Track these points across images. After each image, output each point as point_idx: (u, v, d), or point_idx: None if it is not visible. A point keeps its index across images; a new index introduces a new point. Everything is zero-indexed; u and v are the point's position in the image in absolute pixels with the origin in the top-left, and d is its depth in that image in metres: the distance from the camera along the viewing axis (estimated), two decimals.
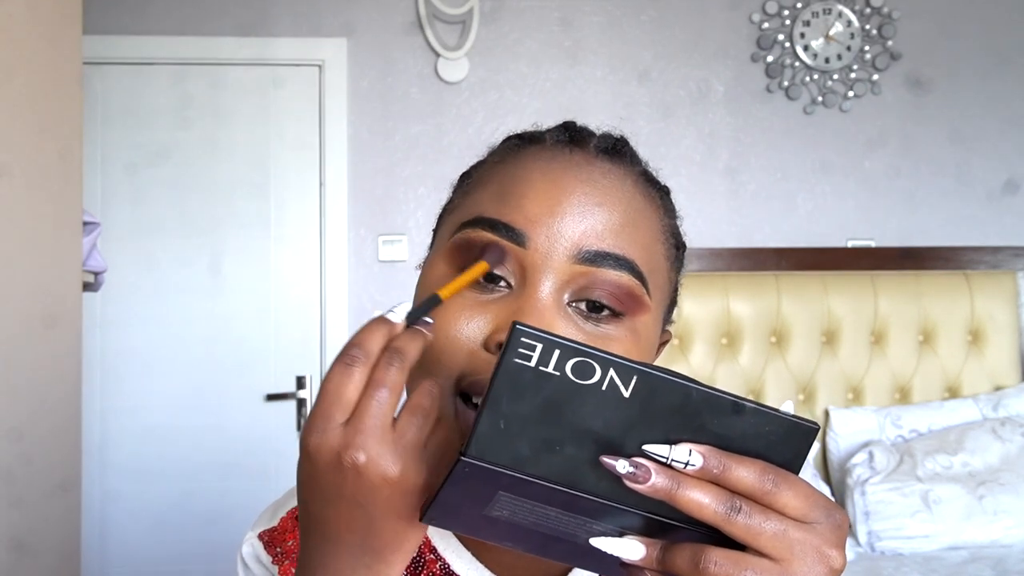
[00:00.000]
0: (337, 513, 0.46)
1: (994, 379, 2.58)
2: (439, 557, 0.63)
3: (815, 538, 0.41)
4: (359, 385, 0.45)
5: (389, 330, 0.47)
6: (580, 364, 0.39)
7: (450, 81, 2.63)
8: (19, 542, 1.34)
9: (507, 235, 0.54)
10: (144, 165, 2.60)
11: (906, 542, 2.14)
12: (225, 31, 2.60)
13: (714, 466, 0.40)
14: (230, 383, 2.59)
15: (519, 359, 0.39)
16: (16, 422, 1.35)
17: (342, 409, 0.45)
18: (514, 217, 0.55)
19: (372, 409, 0.44)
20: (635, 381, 0.39)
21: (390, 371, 0.45)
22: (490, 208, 0.56)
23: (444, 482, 0.42)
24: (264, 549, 0.67)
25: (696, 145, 2.70)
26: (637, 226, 0.57)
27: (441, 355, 0.54)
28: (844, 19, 2.71)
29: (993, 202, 2.75)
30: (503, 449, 0.40)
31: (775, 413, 0.41)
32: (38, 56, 1.43)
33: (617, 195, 0.57)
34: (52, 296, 1.48)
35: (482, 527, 0.45)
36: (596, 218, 0.55)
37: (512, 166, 0.59)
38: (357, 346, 0.46)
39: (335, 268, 2.61)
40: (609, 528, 0.43)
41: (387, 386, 0.45)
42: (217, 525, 2.47)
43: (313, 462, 0.45)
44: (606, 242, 0.55)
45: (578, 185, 0.56)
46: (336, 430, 0.44)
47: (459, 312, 0.54)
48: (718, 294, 2.54)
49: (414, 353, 0.47)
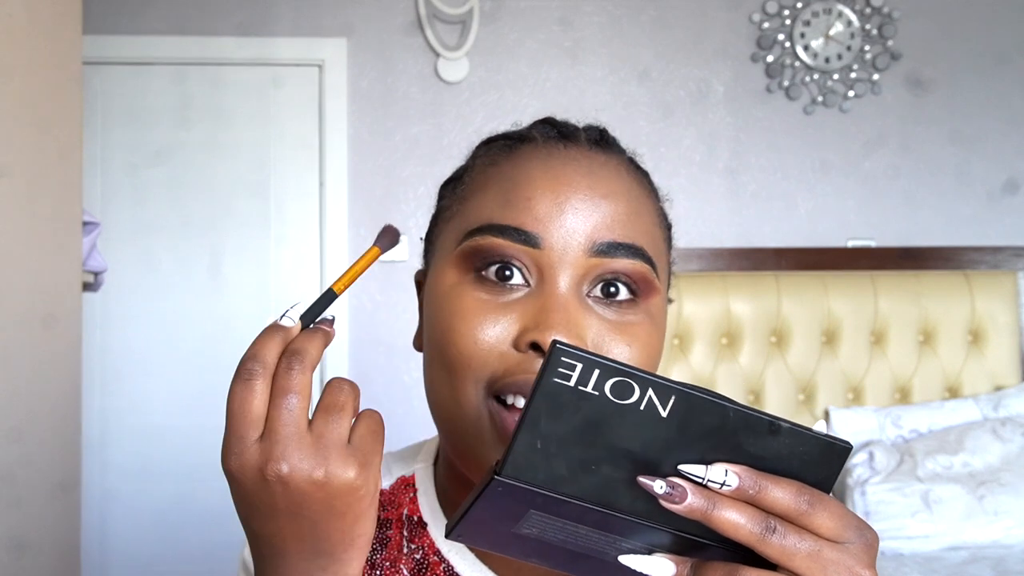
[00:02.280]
0: (279, 527, 0.46)
1: (994, 379, 2.58)
2: (443, 559, 0.63)
3: (848, 558, 0.41)
4: (263, 397, 0.44)
5: (284, 336, 0.47)
6: (619, 384, 0.39)
7: (450, 81, 2.63)
8: (19, 542, 1.34)
9: (519, 238, 0.55)
10: (144, 165, 2.60)
11: (906, 542, 2.13)
12: (225, 31, 2.60)
13: (750, 487, 0.40)
14: (230, 383, 2.58)
15: (558, 378, 0.38)
16: (16, 422, 1.35)
17: (253, 425, 0.44)
18: (523, 220, 0.55)
19: (283, 418, 0.44)
20: (673, 401, 0.39)
21: (292, 375, 0.45)
22: (496, 213, 0.56)
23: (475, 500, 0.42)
24: None
25: (696, 145, 2.70)
26: (640, 213, 0.58)
27: (471, 360, 0.54)
28: (844, 19, 2.71)
29: (993, 202, 2.75)
30: (538, 468, 0.40)
31: (810, 433, 0.41)
32: (38, 56, 1.43)
33: (617, 185, 0.58)
34: (52, 296, 1.48)
35: (510, 544, 0.45)
36: (604, 210, 0.56)
37: (509, 167, 0.59)
38: (252, 358, 0.45)
39: (335, 268, 2.61)
40: (638, 546, 0.43)
41: (293, 391, 0.44)
42: (217, 525, 2.47)
43: (239, 483, 0.45)
44: (616, 232, 0.56)
45: (581, 179, 0.57)
46: (253, 447, 0.44)
47: (482, 316, 0.55)
48: (718, 294, 2.54)
49: (315, 352, 0.46)
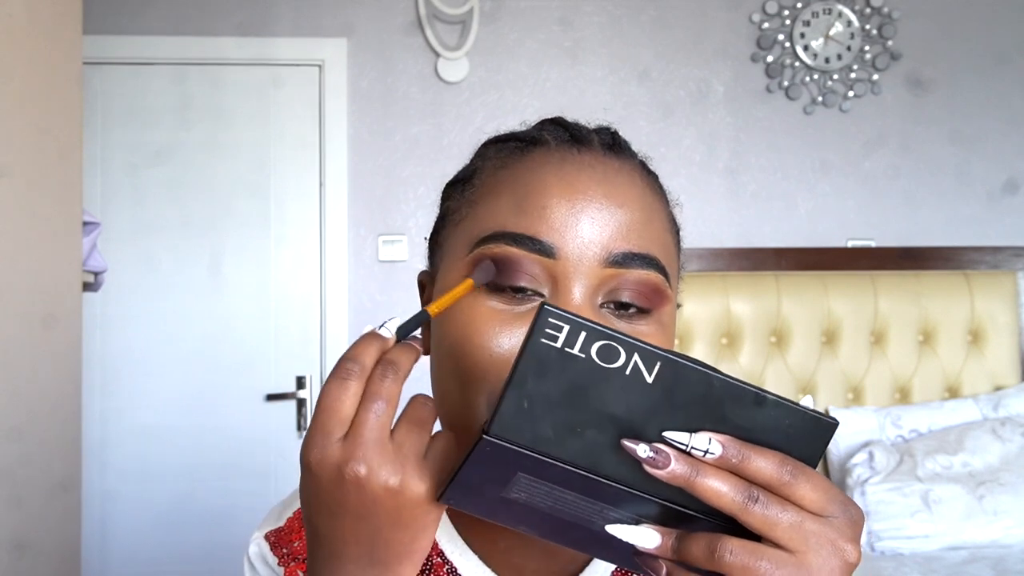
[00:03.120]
0: (342, 526, 0.46)
1: (994, 379, 2.58)
2: (447, 561, 0.63)
3: (831, 531, 0.41)
4: (355, 398, 0.45)
5: (381, 344, 0.48)
6: (605, 347, 0.39)
7: (450, 81, 2.63)
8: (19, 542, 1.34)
9: (534, 247, 0.54)
10: (144, 165, 2.60)
11: (906, 542, 2.13)
12: (225, 31, 2.60)
13: (733, 455, 0.40)
14: (230, 383, 2.59)
15: (545, 339, 0.39)
16: (16, 422, 1.35)
17: (340, 423, 0.45)
18: (538, 229, 0.55)
19: (370, 422, 0.45)
20: (659, 367, 0.40)
21: (385, 383, 0.45)
22: (510, 220, 0.56)
23: (464, 461, 0.42)
24: (271, 550, 0.67)
25: (696, 145, 2.70)
26: (652, 221, 0.58)
27: (486, 372, 0.54)
28: (844, 19, 2.71)
29: (993, 202, 2.75)
30: (525, 429, 0.41)
31: (796, 407, 0.41)
32: (38, 56, 1.43)
33: (631, 192, 0.58)
34: (52, 296, 1.48)
35: (499, 510, 0.45)
36: (619, 219, 0.56)
37: (522, 172, 0.58)
38: (351, 360, 0.46)
39: (335, 268, 2.61)
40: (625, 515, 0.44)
41: (383, 398, 0.45)
42: (217, 525, 2.47)
43: (316, 477, 0.45)
44: (631, 242, 0.56)
45: (597, 187, 0.56)
46: (336, 444, 0.44)
47: (496, 326, 0.54)
48: (718, 294, 2.55)
49: (407, 365, 0.47)
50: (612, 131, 0.63)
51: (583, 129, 0.62)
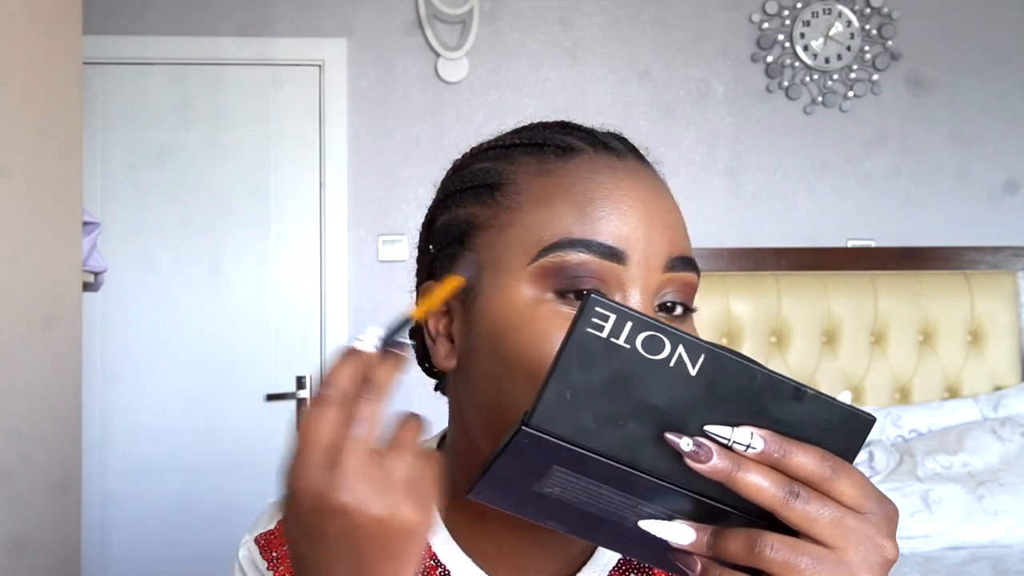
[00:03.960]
0: (325, 554, 0.45)
1: (994, 379, 2.58)
2: (439, 564, 0.62)
3: (870, 527, 0.41)
4: (335, 424, 0.44)
5: (360, 361, 0.46)
6: (650, 339, 0.39)
7: (450, 81, 2.63)
8: (19, 542, 1.34)
9: (605, 254, 0.54)
10: (144, 165, 2.60)
11: (906, 542, 2.13)
12: (225, 31, 2.60)
13: (775, 450, 0.40)
14: (230, 383, 2.59)
15: (591, 328, 0.39)
16: (16, 422, 1.35)
17: (321, 451, 0.43)
18: (607, 236, 0.55)
19: (352, 449, 0.43)
20: (703, 360, 0.39)
21: (365, 405, 0.44)
22: (575, 227, 0.55)
23: (500, 452, 0.41)
24: (260, 554, 0.66)
25: (696, 145, 2.70)
26: (685, 224, 0.60)
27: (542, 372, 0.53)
28: (844, 19, 2.71)
29: (993, 202, 2.75)
30: (566, 420, 0.40)
31: (834, 402, 0.41)
32: (38, 56, 1.43)
33: (668, 197, 0.59)
34: (52, 296, 1.48)
35: (529, 505, 0.44)
36: (673, 224, 0.57)
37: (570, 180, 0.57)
38: (329, 384, 0.45)
39: (335, 268, 2.61)
40: (659, 511, 0.43)
41: (364, 421, 0.44)
42: (217, 525, 2.47)
43: (298, 506, 0.44)
44: (681, 247, 0.57)
45: (650, 194, 0.57)
46: (317, 473, 0.43)
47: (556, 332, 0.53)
48: (718, 294, 2.55)
49: (389, 381, 0.46)
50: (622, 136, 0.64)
51: (602, 134, 0.62)
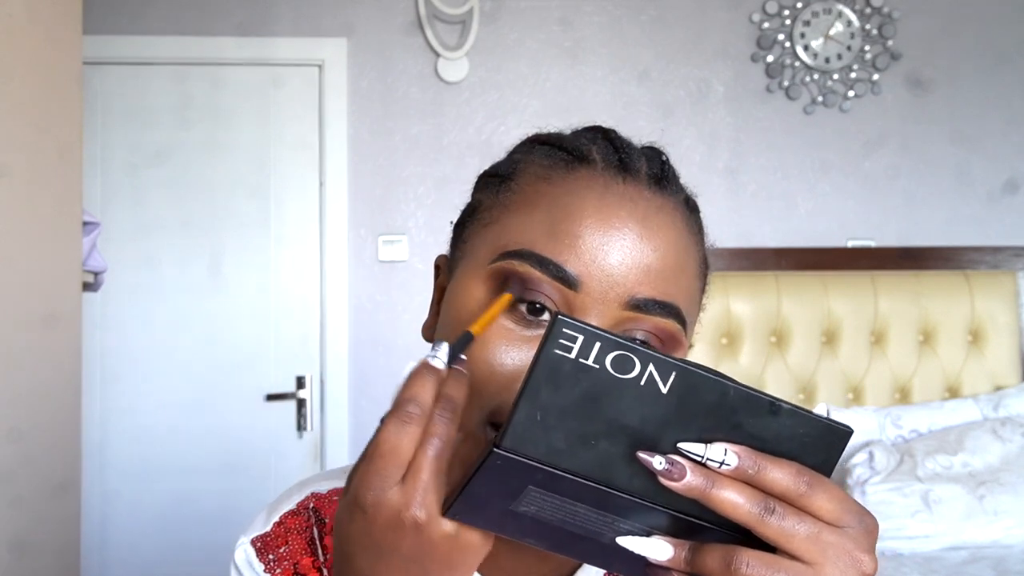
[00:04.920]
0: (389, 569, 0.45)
1: (994, 379, 2.58)
2: None
3: (848, 542, 0.41)
4: (415, 440, 0.44)
5: (437, 377, 0.47)
6: (620, 358, 0.39)
7: (450, 81, 2.63)
8: (19, 542, 1.34)
9: (558, 275, 0.53)
10: (144, 165, 2.60)
11: (906, 542, 2.13)
12: (225, 31, 2.60)
13: (749, 466, 0.40)
14: (230, 383, 2.59)
15: (559, 350, 0.39)
16: (16, 422, 1.35)
17: (398, 467, 0.44)
18: (566, 257, 0.54)
19: (431, 465, 0.44)
20: (673, 377, 0.39)
21: (443, 423, 0.45)
22: (540, 242, 0.54)
23: (473, 474, 0.42)
24: (256, 556, 0.66)
25: (696, 145, 2.70)
26: (684, 268, 0.57)
27: (483, 388, 0.53)
28: (844, 19, 2.71)
29: (993, 202, 2.75)
30: (538, 441, 0.40)
31: (810, 415, 0.41)
32: (38, 56, 1.43)
33: (666, 235, 0.56)
34: (52, 296, 1.48)
35: (507, 523, 0.45)
36: (649, 263, 0.54)
37: (562, 192, 0.57)
38: (412, 401, 0.45)
39: (335, 268, 2.61)
40: (636, 527, 0.43)
41: (443, 439, 0.45)
42: (217, 525, 2.47)
43: (370, 520, 0.44)
44: (656, 289, 0.54)
45: (634, 226, 0.55)
46: (395, 488, 0.44)
47: (503, 346, 0.53)
48: (718, 294, 2.54)
49: (463, 399, 0.47)
50: (663, 158, 0.61)
51: (633, 152, 0.59)
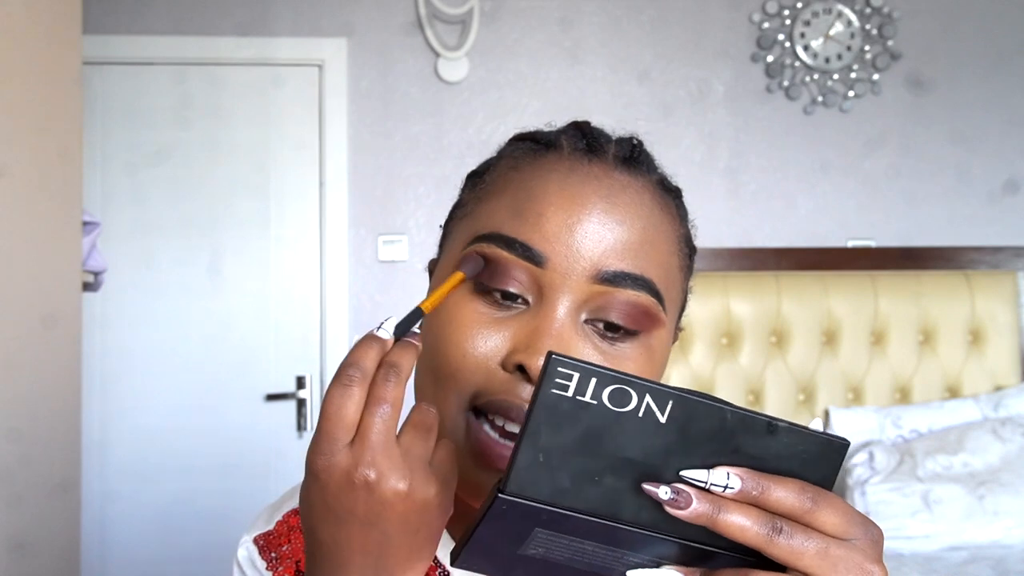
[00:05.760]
0: (349, 534, 0.46)
1: (994, 379, 2.58)
2: (438, 564, 0.62)
3: (856, 554, 0.41)
4: (359, 403, 0.45)
5: (381, 346, 0.47)
6: (617, 391, 0.39)
7: (450, 81, 2.63)
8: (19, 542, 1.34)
9: (524, 254, 0.54)
10: (144, 165, 2.60)
11: (906, 542, 2.13)
12: (225, 31, 2.60)
13: (752, 488, 0.40)
14: (230, 383, 2.58)
15: (556, 389, 0.39)
16: (16, 422, 1.35)
17: (345, 429, 0.45)
18: (532, 236, 0.54)
19: (376, 425, 0.44)
20: (671, 406, 0.39)
21: (388, 386, 0.45)
22: (507, 224, 0.55)
23: (479, 521, 0.41)
24: (259, 554, 0.66)
25: (696, 145, 2.70)
26: (655, 242, 0.57)
27: (457, 372, 0.54)
28: (844, 19, 2.71)
29: (993, 202, 2.75)
30: (542, 483, 0.40)
31: (807, 431, 0.41)
32: (38, 56, 1.43)
33: (635, 211, 0.56)
34: (52, 296, 1.48)
35: (516, 567, 0.45)
36: (615, 237, 0.55)
37: (529, 176, 0.58)
38: (352, 365, 0.46)
39: (335, 268, 2.61)
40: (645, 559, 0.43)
41: (388, 401, 0.45)
42: (217, 525, 2.47)
43: (323, 484, 0.45)
44: (625, 262, 0.54)
45: (598, 201, 0.55)
46: (343, 450, 0.44)
47: (476, 329, 0.54)
48: (718, 294, 2.54)
49: (409, 366, 0.47)
50: (634, 142, 0.61)
51: (602, 138, 0.60)
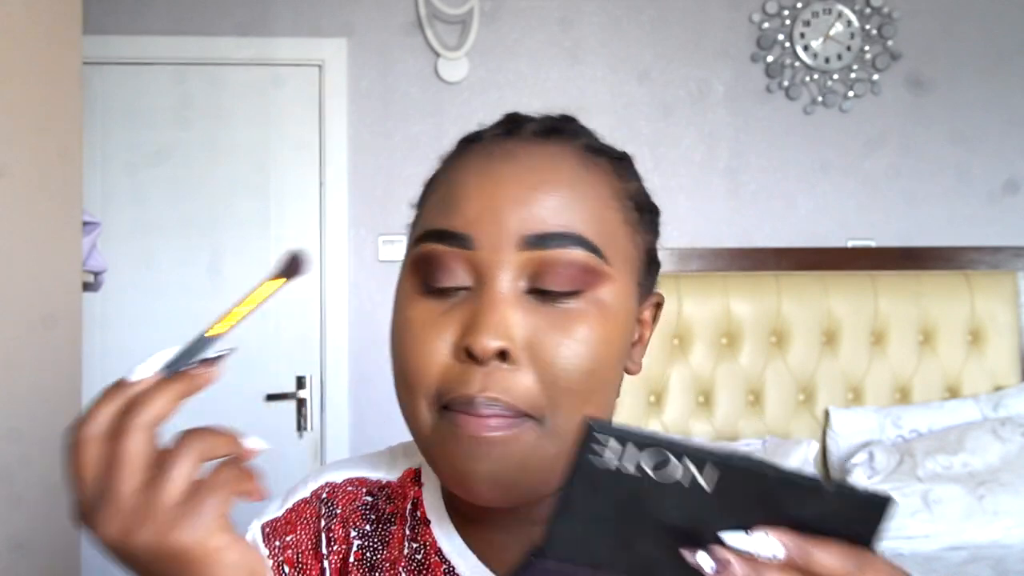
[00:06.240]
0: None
1: (994, 379, 2.58)
2: (444, 560, 0.62)
3: None
4: (96, 461, 0.44)
5: (129, 393, 0.46)
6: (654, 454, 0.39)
7: (450, 81, 2.63)
8: (19, 542, 1.34)
9: (454, 242, 0.55)
10: (144, 165, 2.60)
11: (906, 542, 2.13)
12: (225, 31, 2.60)
13: (797, 555, 0.39)
14: (230, 383, 2.56)
15: (592, 455, 0.38)
16: (16, 422, 1.35)
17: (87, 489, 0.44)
18: (456, 222, 0.55)
19: (113, 484, 0.43)
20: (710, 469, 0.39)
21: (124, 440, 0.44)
22: (438, 218, 0.57)
23: None
24: (263, 541, 0.66)
25: (696, 145, 2.70)
26: (585, 198, 0.56)
27: (417, 376, 0.54)
28: (844, 19, 2.71)
29: (993, 202, 2.75)
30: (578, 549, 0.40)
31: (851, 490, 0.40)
32: (38, 56, 1.43)
33: (552, 174, 0.56)
34: (52, 296, 1.48)
35: None
36: (536, 200, 0.54)
37: (453, 171, 0.59)
38: (85, 422, 0.45)
39: (335, 268, 2.61)
40: None
41: (125, 455, 0.44)
42: None
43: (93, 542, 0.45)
44: (549, 223, 0.54)
45: (511, 173, 0.56)
46: (87, 511, 0.44)
47: (427, 328, 0.55)
48: (718, 294, 2.54)
49: (156, 408, 0.45)
50: (558, 118, 0.61)
51: (522, 120, 0.61)
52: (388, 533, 0.64)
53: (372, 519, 0.65)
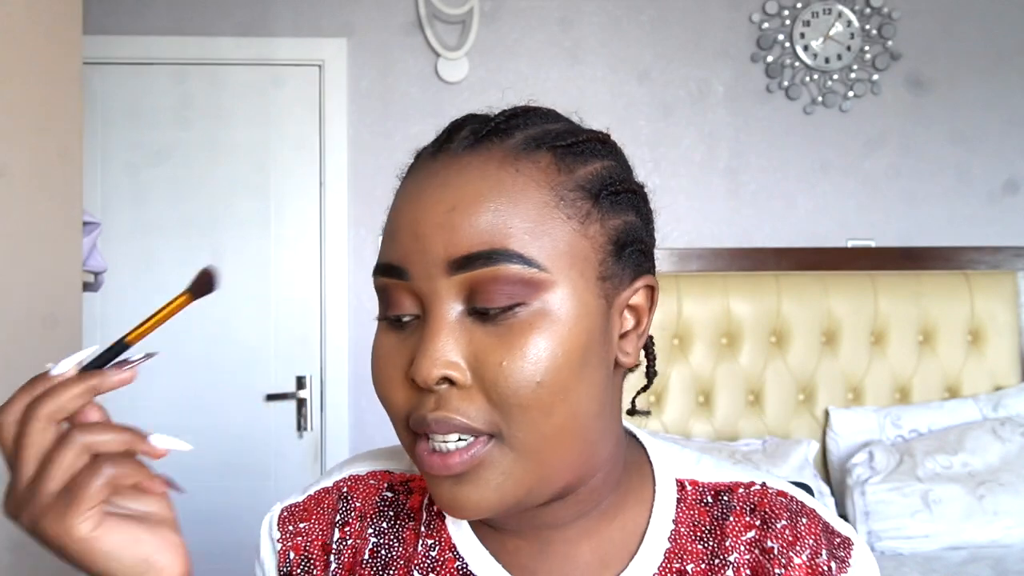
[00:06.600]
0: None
1: (994, 379, 2.58)
2: (458, 556, 0.62)
3: None
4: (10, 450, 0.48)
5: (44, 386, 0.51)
6: None
7: (450, 81, 2.63)
8: (19, 542, 1.34)
9: (394, 274, 0.55)
10: (144, 165, 2.60)
11: (906, 542, 2.14)
12: (225, 31, 2.60)
13: None
14: (230, 383, 2.58)
15: None
16: None
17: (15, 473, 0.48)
18: (392, 255, 0.55)
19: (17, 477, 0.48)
20: None
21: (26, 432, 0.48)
22: (384, 251, 0.57)
23: None
24: (278, 524, 0.67)
25: (696, 145, 2.70)
26: (509, 206, 0.53)
27: (387, 403, 0.56)
28: (844, 19, 2.71)
29: (993, 202, 2.75)
30: None
31: None
32: (38, 56, 1.43)
33: (472, 188, 0.53)
34: (52, 296, 1.48)
35: None
36: (453, 222, 0.52)
37: (396, 197, 0.59)
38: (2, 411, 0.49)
39: (335, 268, 2.61)
40: None
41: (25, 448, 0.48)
42: (217, 525, 2.47)
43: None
44: (471, 243, 0.52)
45: (433, 197, 0.54)
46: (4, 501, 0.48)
47: (389, 358, 0.56)
48: (718, 294, 2.54)
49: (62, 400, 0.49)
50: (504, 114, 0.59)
51: (455, 128, 0.59)
52: (404, 530, 0.65)
53: (390, 516, 0.66)
